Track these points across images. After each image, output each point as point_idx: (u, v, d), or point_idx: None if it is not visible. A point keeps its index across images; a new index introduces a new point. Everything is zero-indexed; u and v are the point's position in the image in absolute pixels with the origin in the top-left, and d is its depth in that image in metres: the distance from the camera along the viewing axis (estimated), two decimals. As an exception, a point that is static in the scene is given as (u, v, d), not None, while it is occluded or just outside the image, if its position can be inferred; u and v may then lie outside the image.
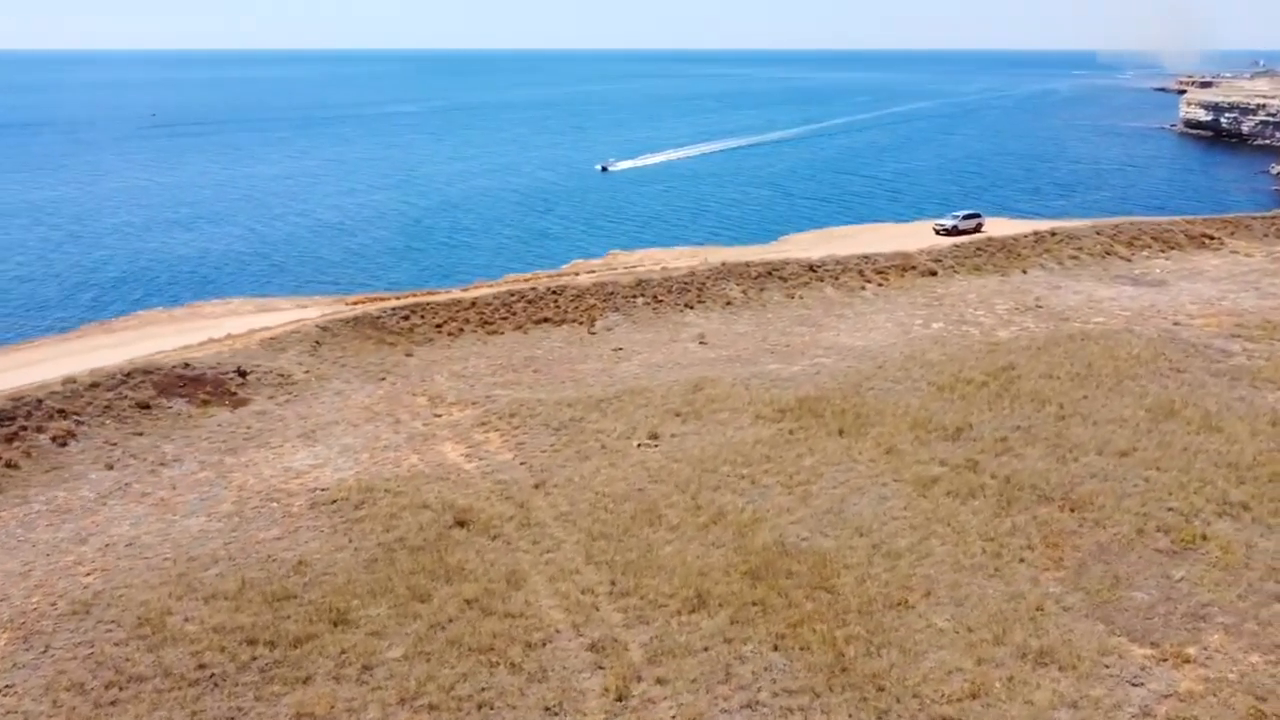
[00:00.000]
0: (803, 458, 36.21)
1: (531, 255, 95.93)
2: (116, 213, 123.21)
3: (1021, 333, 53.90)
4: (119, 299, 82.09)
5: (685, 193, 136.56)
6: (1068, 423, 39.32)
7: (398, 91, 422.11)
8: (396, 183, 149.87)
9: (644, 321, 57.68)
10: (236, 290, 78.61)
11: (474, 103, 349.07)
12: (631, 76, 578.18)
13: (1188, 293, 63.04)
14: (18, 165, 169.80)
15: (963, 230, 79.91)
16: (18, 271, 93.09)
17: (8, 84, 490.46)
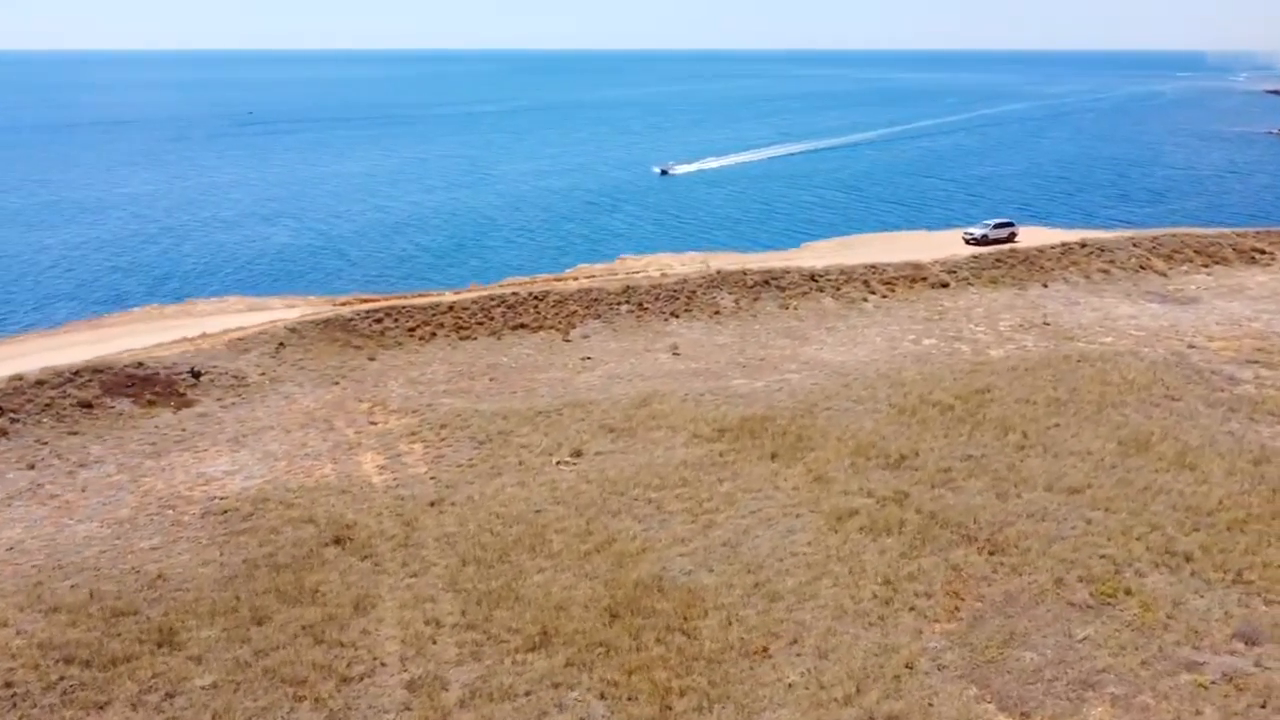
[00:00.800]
0: (723, 483, 34.17)
1: (594, 256, 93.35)
2: (204, 207, 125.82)
3: (1016, 352, 50.58)
4: (189, 290, 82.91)
5: (754, 195, 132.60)
6: (1025, 453, 36.39)
7: (484, 91, 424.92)
8: (471, 181, 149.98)
9: (624, 330, 56.02)
10: (294, 287, 79.96)
11: (557, 102, 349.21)
12: (721, 77, 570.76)
13: (1218, 312, 58.53)
14: (123, 160, 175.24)
15: (993, 240, 76.09)
16: (112, 261, 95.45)
17: (109, 83, 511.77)
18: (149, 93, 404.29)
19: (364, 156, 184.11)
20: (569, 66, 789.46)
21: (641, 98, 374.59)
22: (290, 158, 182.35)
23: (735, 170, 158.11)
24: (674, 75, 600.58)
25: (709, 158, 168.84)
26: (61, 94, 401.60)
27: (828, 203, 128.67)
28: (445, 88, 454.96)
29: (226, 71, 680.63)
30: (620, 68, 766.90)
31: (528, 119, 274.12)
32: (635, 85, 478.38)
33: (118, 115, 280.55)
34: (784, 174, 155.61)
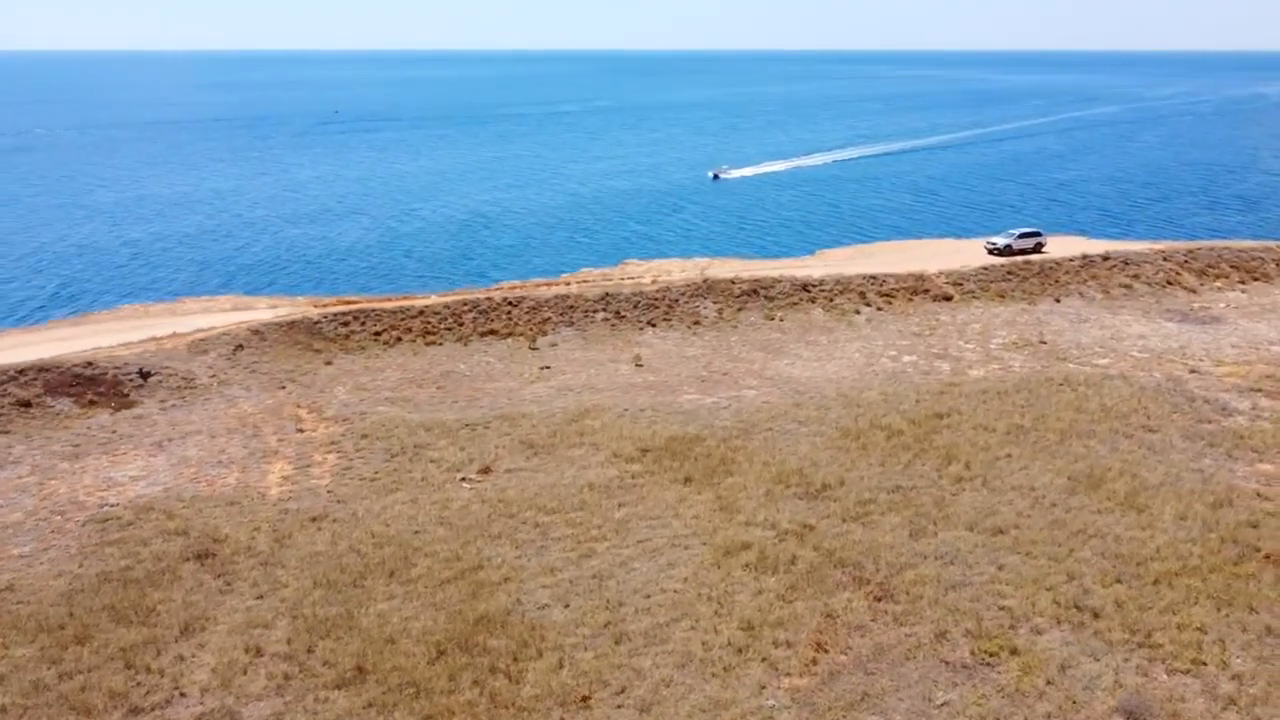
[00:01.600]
0: (622, 508, 32.31)
1: (628, 257, 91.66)
2: (282, 203, 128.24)
3: (998, 372, 47.41)
4: (249, 285, 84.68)
5: (810, 199, 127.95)
6: (961, 486, 33.67)
7: (569, 91, 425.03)
8: (539, 180, 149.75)
9: (595, 339, 54.37)
10: (349, 286, 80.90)
11: (638, 103, 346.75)
12: (809, 78, 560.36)
13: (1239, 333, 54.18)
14: (211, 157, 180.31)
15: (1017, 250, 72.25)
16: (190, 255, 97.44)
17: (193, 83, 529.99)
18: (229, 94, 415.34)
19: (441, 155, 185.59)
20: (659, 67, 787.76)
21: (723, 99, 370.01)
22: (370, 155, 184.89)
23: (799, 173, 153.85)
24: (763, 76, 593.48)
25: (767, 162, 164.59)
26: (137, 94, 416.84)
27: (893, 206, 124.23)
28: (530, 88, 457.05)
29: (306, 72, 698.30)
30: (711, 68, 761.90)
31: (607, 119, 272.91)
32: (721, 86, 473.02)
33: (209, 115, 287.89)
34: (854, 177, 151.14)
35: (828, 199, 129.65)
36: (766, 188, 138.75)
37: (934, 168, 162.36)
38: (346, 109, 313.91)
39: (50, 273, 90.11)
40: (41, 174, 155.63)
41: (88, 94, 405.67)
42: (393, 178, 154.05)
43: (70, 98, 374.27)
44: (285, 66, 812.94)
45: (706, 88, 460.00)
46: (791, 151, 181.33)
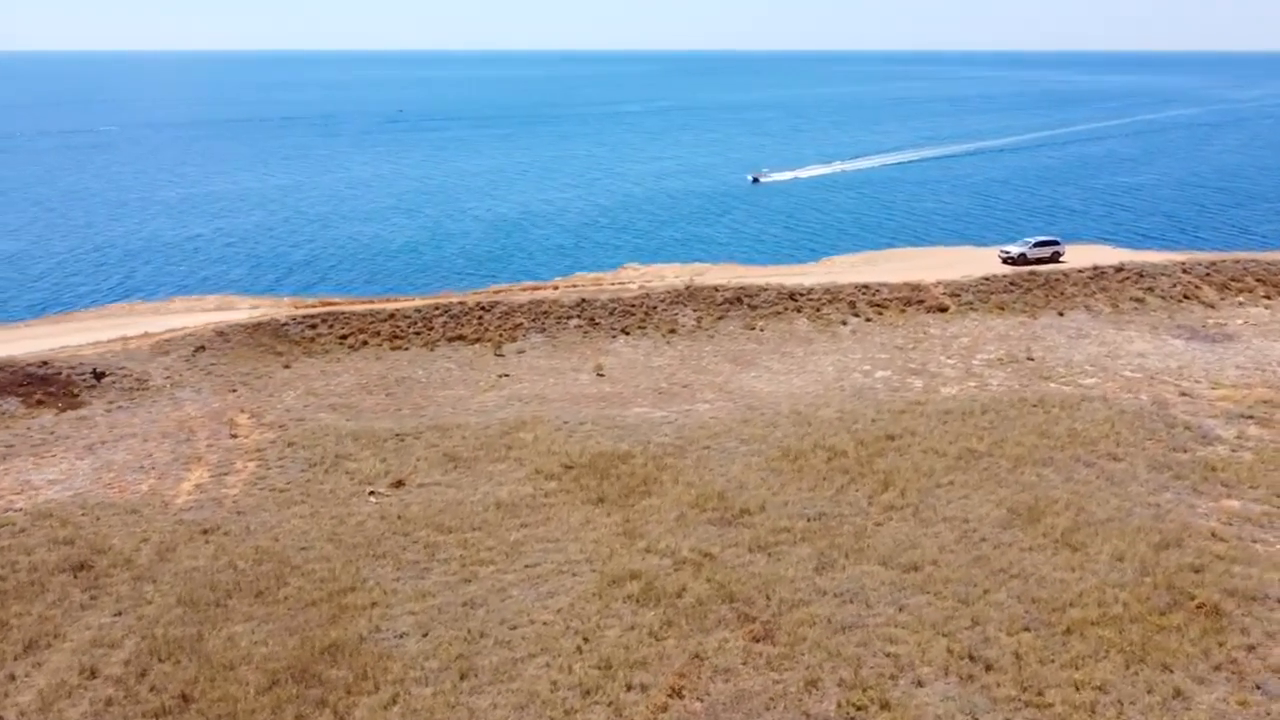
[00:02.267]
0: (523, 529, 30.91)
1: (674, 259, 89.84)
2: (341, 201, 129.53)
3: (972, 391, 44.89)
4: (296, 282, 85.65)
5: (863, 202, 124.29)
6: (889, 515, 31.58)
7: (632, 92, 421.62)
8: (591, 180, 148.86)
9: (564, 346, 53.02)
10: (394, 285, 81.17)
11: (702, 103, 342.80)
12: (881, 78, 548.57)
13: (1250, 353, 50.72)
14: (278, 154, 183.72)
15: (1032, 260, 69.10)
16: (246, 250, 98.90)
17: (256, 82, 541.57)
18: (294, 93, 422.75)
19: (500, 154, 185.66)
20: (728, 68, 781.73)
21: (787, 99, 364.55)
22: (430, 154, 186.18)
23: (849, 177, 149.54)
24: (831, 77, 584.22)
25: (812, 165, 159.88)
26: (204, 92, 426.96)
27: (948, 210, 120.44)
28: (595, 88, 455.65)
29: (369, 72, 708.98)
30: (778, 69, 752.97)
31: (667, 120, 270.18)
32: (787, 87, 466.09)
33: (277, 114, 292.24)
34: (912, 179, 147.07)
35: (874, 203, 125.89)
36: (807, 192, 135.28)
37: (997, 170, 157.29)
38: (411, 108, 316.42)
39: (114, 266, 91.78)
40: (115, 170, 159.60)
41: (154, 93, 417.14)
42: (451, 176, 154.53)
43: (137, 97, 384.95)
44: (346, 66, 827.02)
45: (772, 88, 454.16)
46: (848, 154, 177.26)
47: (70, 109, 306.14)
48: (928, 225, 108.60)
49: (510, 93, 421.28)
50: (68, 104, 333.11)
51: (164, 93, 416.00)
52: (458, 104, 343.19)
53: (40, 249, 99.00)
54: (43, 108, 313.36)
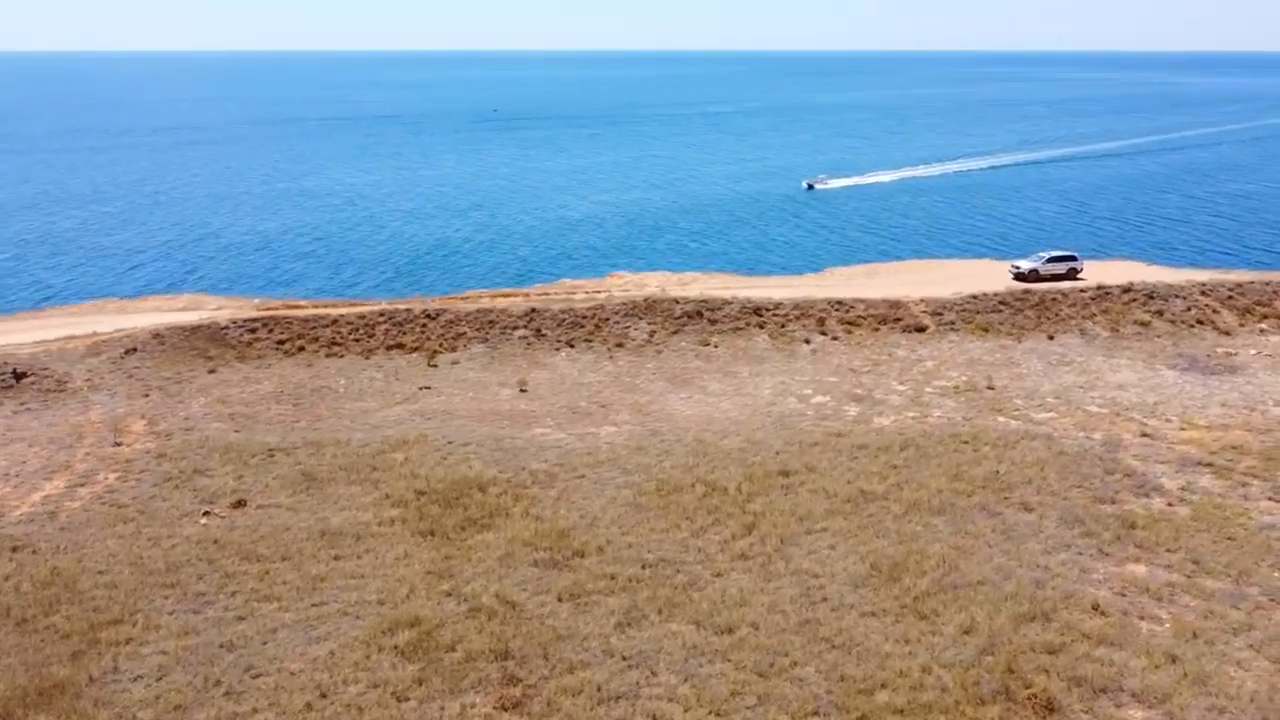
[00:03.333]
0: (335, 561, 28.99)
1: (727, 266, 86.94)
2: (413, 198, 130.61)
3: (909, 423, 41.16)
4: (362, 280, 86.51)
5: (931, 208, 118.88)
6: (736, 565, 28.63)
7: (724, 92, 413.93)
8: (670, 181, 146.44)
9: (502, 357, 51.02)
10: (439, 285, 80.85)
11: (794, 104, 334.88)
12: (980, 80, 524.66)
13: (1246, 388, 45.51)
14: (366, 152, 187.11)
15: (1046, 276, 64.23)
16: (309, 248, 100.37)
17: (348, 82, 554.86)
18: (387, 92, 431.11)
19: (584, 153, 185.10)
20: (831, 68, 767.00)
21: (888, 100, 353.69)
22: (516, 153, 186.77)
23: (924, 182, 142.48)
24: (933, 78, 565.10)
25: (877, 171, 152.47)
26: (301, 92, 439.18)
27: (1034, 218, 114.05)
28: (689, 88, 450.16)
29: (469, 72, 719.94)
30: (886, 69, 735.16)
31: (758, 121, 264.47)
32: (890, 87, 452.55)
33: (372, 112, 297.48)
34: (1000, 184, 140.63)
35: (929, 212, 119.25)
36: (859, 200, 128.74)
37: (1095, 176, 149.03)
38: (505, 107, 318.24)
39: (177, 258, 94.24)
40: (209, 166, 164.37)
41: (248, 91, 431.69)
42: (531, 175, 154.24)
43: (233, 95, 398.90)
44: (442, 66, 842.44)
45: (872, 89, 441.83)
46: (937, 157, 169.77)
47: (167, 107, 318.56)
48: (981, 235, 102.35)
49: (603, 93, 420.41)
50: (161, 103, 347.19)
51: (252, 92, 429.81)
52: (550, 103, 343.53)
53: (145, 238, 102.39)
54: (141, 106, 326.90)
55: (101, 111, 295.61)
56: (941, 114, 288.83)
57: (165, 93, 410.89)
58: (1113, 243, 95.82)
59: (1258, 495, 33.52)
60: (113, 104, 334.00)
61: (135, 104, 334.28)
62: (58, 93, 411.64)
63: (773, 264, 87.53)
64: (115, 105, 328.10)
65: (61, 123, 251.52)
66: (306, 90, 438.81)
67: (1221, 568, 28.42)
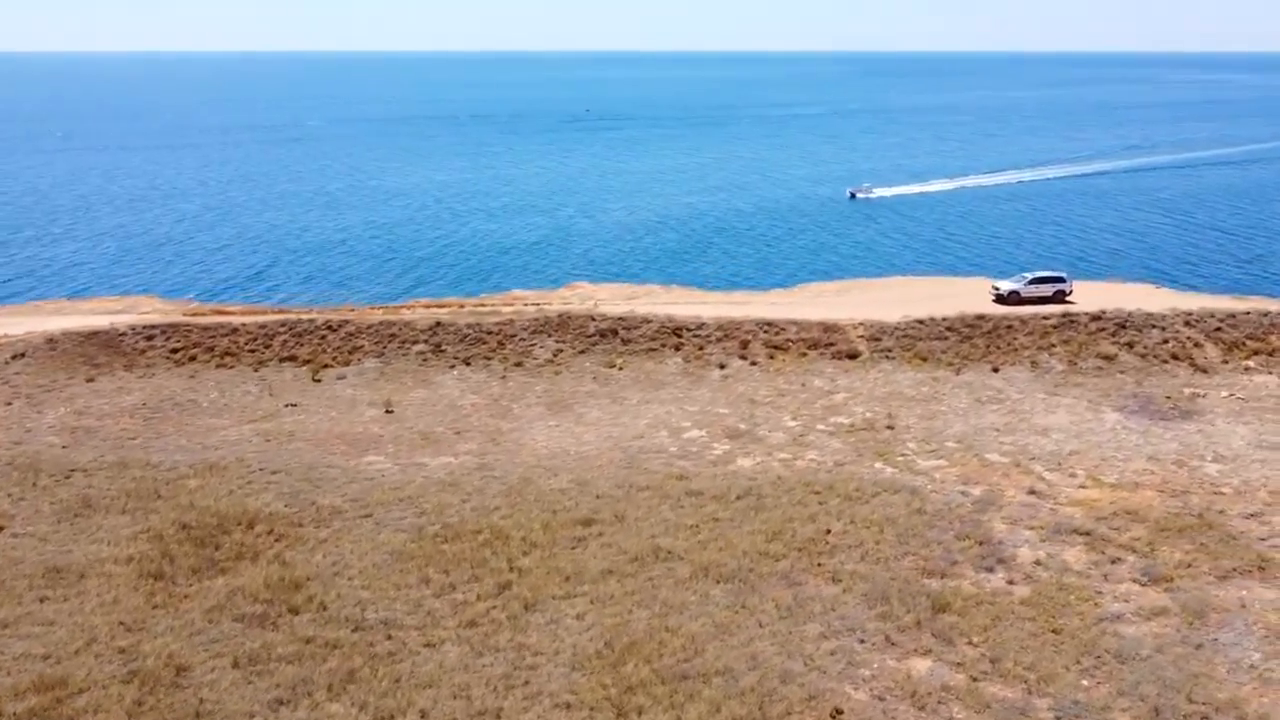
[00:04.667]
0: (38, 604, 26.88)
1: (763, 275, 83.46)
2: (490, 197, 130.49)
3: (774, 465, 37.02)
4: (429, 281, 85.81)
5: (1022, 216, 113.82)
6: (457, 634, 25.48)
7: (820, 94, 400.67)
8: (745, 183, 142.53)
9: (392, 374, 48.53)
10: (474, 285, 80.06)
11: (894, 106, 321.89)
12: (1090, 81, 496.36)
13: (1195, 438, 39.77)
14: (453, 150, 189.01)
15: (1026, 299, 58.65)
16: (362, 246, 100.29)
17: (439, 81, 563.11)
18: (481, 92, 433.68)
19: (666, 154, 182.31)
20: (930, 69, 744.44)
21: (986, 102, 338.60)
22: (598, 153, 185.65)
23: (985, 191, 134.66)
24: (1043, 79, 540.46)
25: (933, 180, 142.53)
26: (395, 91, 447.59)
27: (1129, 228, 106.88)
28: (785, 89, 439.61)
29: (567, 72, 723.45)
30: (988, 70, 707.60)
31: (851, 122, 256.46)
32: (992, 89, 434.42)
33: (465, 111, 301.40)
34: (1089, 192, 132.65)
35: (994, 222, 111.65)
36: (908, 210, 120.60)
37: (1198, 185, 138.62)
38: (598, 108, 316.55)
39: (252, 256, 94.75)
40: (302, 163, 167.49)
41: (343, 91, 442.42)
42: (608, 175, 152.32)
43: (328, 95, 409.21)
44: (536, 67, 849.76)
45: (974, 90, 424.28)
46: (1026, 161, 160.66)
47: (259, 107, 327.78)
48: (1039, 249, 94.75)
49: (700, 93, 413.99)
50: (249, 102, 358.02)
51: (341, 91, 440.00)
52: (644, 104, 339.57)
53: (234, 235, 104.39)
54: (235, 105, 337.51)
55: (204, 111, 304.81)
56: (1044, 116, 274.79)
57: (246, 92, 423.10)
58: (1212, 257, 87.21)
59: (1123, 576, 28.49)
60: (216, 103, 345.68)
61: (229, 103, 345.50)
62: (152, 93, 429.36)
63: (765, 277, 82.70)
64: (218, 104, 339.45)
65: (173, 120, 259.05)
66: (401, 90, 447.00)
67: (1021, 670, 23.84)
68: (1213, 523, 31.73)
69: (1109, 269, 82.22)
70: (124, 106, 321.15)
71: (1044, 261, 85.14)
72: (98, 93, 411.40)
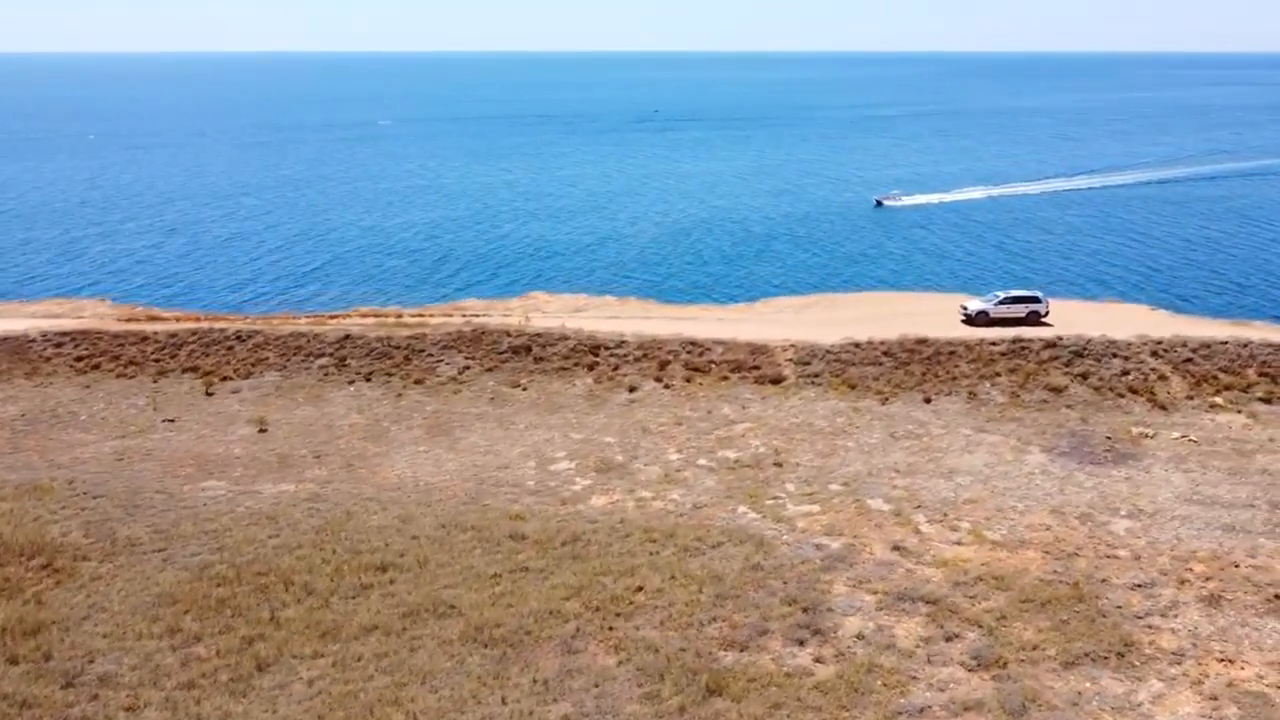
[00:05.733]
0: None
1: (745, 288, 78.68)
2: (545, 198, 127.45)
3: (625, 505, 34.00)
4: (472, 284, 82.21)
5: (1092, 224, 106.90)
6: (170, 697, 23.02)
7: (898, 95, 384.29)
8: (799, 187, 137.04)
9: (289, 389, 46.69)
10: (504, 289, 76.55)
11: (972, 108, 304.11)
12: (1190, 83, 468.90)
13: (1119, 486, 35.53)
14: (518, 150, 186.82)
15: (996, 319, 54.55)
16: (411, 245, 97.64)
17: (507, 82, 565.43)
18: (548, 92, 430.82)
19: (729, 156, 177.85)
20: (1017, 70, 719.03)
21: (1075, 105, 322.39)
22: (659, 154, 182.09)
23: (1024, 200, 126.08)
24: (1141, 80, 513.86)
25: (970, 187, 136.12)
26: (462, 91, 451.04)
27: (1199, 239, 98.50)
28: (863, 91, 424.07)
29: (641, 72, 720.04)
30: (1077, 71, 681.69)
31: (924, 124, 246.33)
32: (1084, 90, 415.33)
33: (531, 112, 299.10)
34: (1171, 198, 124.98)
35: (1043, 232, 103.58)
36: (934, 220, 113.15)
37: None
38: (670, 108, 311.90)
39: (305, 257, 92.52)
40: (370, 162, 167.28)
41: (414, 91, 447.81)
42: (666, 177, 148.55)
43: (397, 94, 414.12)
44: (605, 68, 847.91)
45: (1062, 92, 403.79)
46: (1109, 166, 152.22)
47: (328, 105, 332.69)
48: (1069, 267, 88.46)
49: (776, 94, 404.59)
50: (318, 101, 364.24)
51: (410, 90, 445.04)
52: (716, 105, 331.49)
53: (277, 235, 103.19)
54: (307, 104, 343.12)
55: (277, 109, 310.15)
56: (1133, 119, 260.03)
57: (306, 90, 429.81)
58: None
59: (951, 657, 24.81)
60: (292, 102, 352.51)
61: (301, 102, 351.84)
62: (214, 91, 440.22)
63: (748, 290, 78.68)
64: (294, 103, 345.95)
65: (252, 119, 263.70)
66: (471, 90, 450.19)
67: (772, 774, 20.49)
68: (1086, 594, 27.72)
69: (1140, 288, 75.69)
70: (207, 104, 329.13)
71: (1078, 279, 79.02)
72: (177, 91, 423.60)
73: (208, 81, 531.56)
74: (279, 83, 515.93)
